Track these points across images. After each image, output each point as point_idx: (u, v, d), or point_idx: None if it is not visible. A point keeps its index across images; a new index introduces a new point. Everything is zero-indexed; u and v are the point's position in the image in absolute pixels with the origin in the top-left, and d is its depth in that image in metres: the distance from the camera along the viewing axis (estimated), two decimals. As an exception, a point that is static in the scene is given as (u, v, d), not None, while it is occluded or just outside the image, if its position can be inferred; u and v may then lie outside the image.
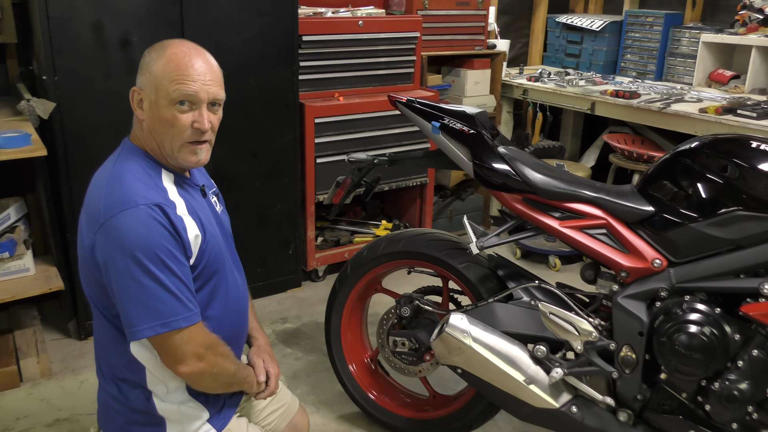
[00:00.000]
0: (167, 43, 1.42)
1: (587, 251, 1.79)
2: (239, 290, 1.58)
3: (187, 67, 1.37)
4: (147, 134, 1.42)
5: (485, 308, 1.91)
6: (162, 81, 1.36)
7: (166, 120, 1.38)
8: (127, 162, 1.40)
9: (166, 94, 1.36)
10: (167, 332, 1.32)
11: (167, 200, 1.36)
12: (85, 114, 2.54)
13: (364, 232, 3.57)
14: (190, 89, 1.36)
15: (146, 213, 1.30)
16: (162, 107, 1.37)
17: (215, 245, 1.46)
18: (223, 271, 1.50)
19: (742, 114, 2.95)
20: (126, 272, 1.29)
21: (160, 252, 1.30)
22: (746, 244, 1.61)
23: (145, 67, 1.39)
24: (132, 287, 1.30)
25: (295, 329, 2.97)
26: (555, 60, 4.59)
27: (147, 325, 1.31)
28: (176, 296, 1.32)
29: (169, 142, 1.40)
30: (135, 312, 1.31)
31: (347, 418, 2.36)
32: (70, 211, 2.59)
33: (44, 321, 2.87)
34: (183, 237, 1.35)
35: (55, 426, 2.28)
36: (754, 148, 1.64)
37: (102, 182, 1.38)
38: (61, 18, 2.40)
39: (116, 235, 1.29)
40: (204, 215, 1.46)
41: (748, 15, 3.59)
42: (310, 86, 3.16)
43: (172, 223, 1.33)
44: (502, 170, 1.85)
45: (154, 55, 1.39)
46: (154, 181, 1.38)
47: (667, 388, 1.71)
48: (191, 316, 1.35)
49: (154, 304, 1.30)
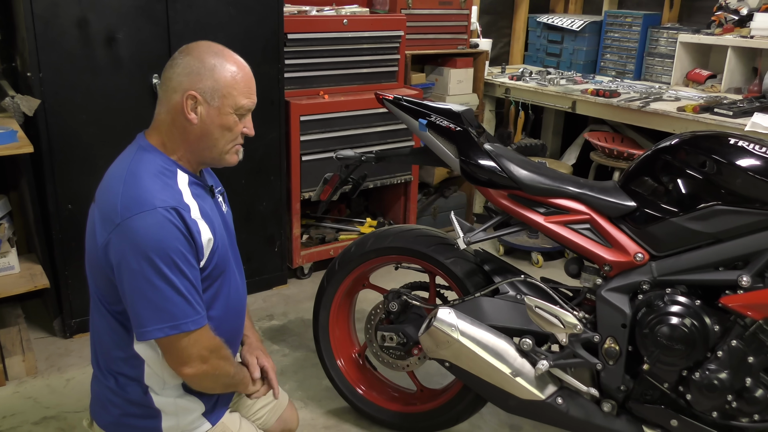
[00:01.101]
0: (219, 48, 1.43)
1: (571, 245, 1.83)
2: (239, 290, 1.60)
3: (251, 81, 1.44)
4: (194, 138, 1.42)
5: (472, 302, 1.94)
6: (232, 91, 1.40)
7: (226, 126, 1.42)
8: (144, 161, 1.40)
9: (234, 103, 1.41)
10: (176, 334, 1.34)
11: (183, 203, 1.38)
12: (70, 111, 2.53)
13: (349, 229, 3.59)
14: (251, 102, 1.45)
15: (163, 216, 1.32)
16: (225, 114, 1.41)
17: (222, 246, 1.49)
18: (227, 271, 1.52)
19: (719, 112, 3.02)
20: (140, 273, 1.31)
21: (175, 255, 1.32)
22: (725, 237, 1.66)
23: (207, 75, 1.38)
24: (145, 288, 1.32)
25: (281, 326, 2.98)
26: (536, 59, 4.65)
27: (158, 326, 1.33)
28: (187, 299, 1.34)
29: (222, 146, 1.44)
30: (146, 313, 1.33)
31: (335, 413, 2.38)
32: (54, 208, 2.58)
33: (29, 319, 2.85)
34: (197, 240, 1.37)
35: (42, 424, 2.27)
36: (732, 144, 1.69)
37: (118, 180, 1.38)
38: (45, 14, 2.39)
39: (132, 237, 1.31)
40: (214, 217, 1.49)
41: (723, 16, 3.67)
42: (296, 84, 3.17)
43: (188, 226, 1.35)
44: (488, 167, 1.88)
45: (215, 62, 1.39)
46: (170, 182, 1.39)
47: (649, 378, 1.76)
48: (199, 319, 1.37)
49: (166, 306, 1.32)
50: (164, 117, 1.43)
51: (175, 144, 1.43)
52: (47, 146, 2.51)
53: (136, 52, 2.60)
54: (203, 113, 1.40)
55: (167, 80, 1.41)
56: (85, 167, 2.60)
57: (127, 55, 2.58)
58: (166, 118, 1.43)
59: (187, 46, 1.44)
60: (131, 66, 2.60)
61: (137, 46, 2.59)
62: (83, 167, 2.60)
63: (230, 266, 1.55)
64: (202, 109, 1.40)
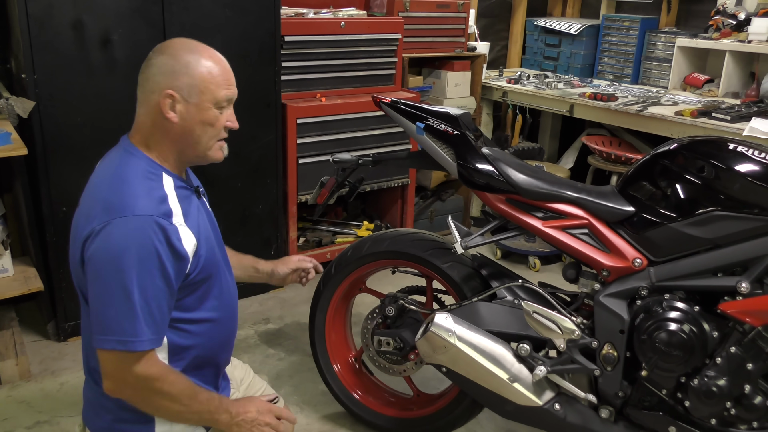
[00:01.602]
0: (193, 44, 1.41)
1: (569, 251, 1.82)
2: (231, 290, 1.59)
3: (227, 71, 1.42)
4: (175, 137, 1.40)
5: (469, 307, 1.93)
6: (209, 85, 1.38)
7: (208, 121, 1.40)
8: (130, 165, 1.38)
9: (212, 97, 1.39)
10: (121, 351, 1.30)
11: (167, 209, 1.35)
12: (65, 113, 2.51)
13: (345, 232, 3.58)
14: (232, 92, 1.43)
15: (141, 224, 1.29)
16: (205, 110, 1.39)
17: (209, 248, 1.46)
18: (217, 274, 1.50)
19: (716, 117, 3.02)
20: (104, 279, 1.28)
21: (145, 263, 1.29)
22: (723, 243, 1.65)
23: (182, 72, 1.37)
24: (105, 295, 1.29)
25: (277, 330, 2.96)
26: (533, 63, 4.65)
27: (106, 336, 1.29)
28: (143, 317, 1.30)
29: (205, 142, 1.42)
30: (102, 320, 1.30)
31: (331, 418, 2.36)
32: (49, 210, 2.56)
33: (22, 322, 2.82)
34: (178, 248, 1.34)
35: (36, 428, 2.25)
36: (731, 149, 1.68)
37: (104, 182, 1.37)
38: (40, 16, 2.38)
39: (105, 241, 1.28)
40: (200, 219, 1.46)
41: (721, 20, 3.67)
42: (292, 87, 3.16)
43: (167, 235, 1.32)
44: (485, 171, 1.87)
45: (191, 58, 1.38)
46: (155, 186, 1.37)
47: (647, 384, 1.74)
48: (148, 342, 1.31)
49: (119, 318, 1.28)
50: (144, 119, 1.41)
51: (158, 145, 1.42)
52: (42, 148, 2.49)
53: (132, 54, 2.58)
54: (183, 111, 1.38)
55: (144, 81, 1.40)
56: (79, 169, 2.56)
57: (122, 57, 2.57)
58: (146, 120, 1.41)
59: (161, 44, 1.42)
60: (127, 68, 2.58)
61: (133, 48, 2.58)
62: (78, 169, 2.57)
63: (220, 268, 1.52)
64: (181, 107, 1.38)
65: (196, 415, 1.42)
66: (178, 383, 1.38)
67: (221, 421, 1.44)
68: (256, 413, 1.47)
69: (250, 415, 1.46)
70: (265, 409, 1.49)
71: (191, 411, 1.40)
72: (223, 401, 1.46)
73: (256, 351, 2.77)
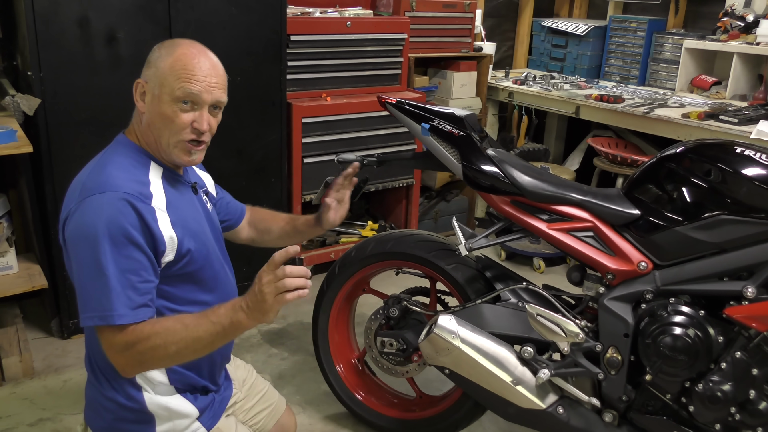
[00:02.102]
0: (178, 41, 1.43)
1: (574, 253, 1.81)
2: (228, 287, 1.58)
3: (194, 67, 1.38)
4: (145, 128, 1.43)
5: (473, 309, 1.92)
6: (168, 77, 1.37)
7: (166, 116, 1.38)
8: (115, 154, 1.41)
9: (170, 90, 1.37)
10: (104, 326, 1.28)
11: (145, 192, 1.35)
12: (70, 110, 2.51)
13: (350, 232, 3.57)
14: (194, 89, 1.37)
15: (115, 198, 1.29)
16: (164, 103, 1.37)
17: (200, 243, 1.44)
18: (209, 267, 1.48)
19: (724, 119, 3.00)
20: (81, 255, 1.28)
21: (119, 234, 1.27)
22: (730, 247, 1.64)
23: (153, 61, 1.40)
24: (82, 273, 1.28)
25: (280, 329, 2.96)
26: (540, 63, 4.63)
27: (88, 314, 1.29)
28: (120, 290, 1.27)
29: (166, 138, 1.40)
30: (82, 298, 1.30)
31: (333, 418, 2.36)
32: (53, 207, 2.56)
33: (26, 319, 2.83)
34: (152, 227, 1.31)
35: (38, 425, 2.25)
36: (738, 153, 1.67)
37: (87, 168, 1.41)
38: (46, 13, 2.38)
39: (80, 218, 1.29)
40: (190, 213, 1.46)
41: (729, 22, 3.65)
42: (298, 86, 3.16)
43: (140, 212, 1.30)
44: (490, 172, 1.87)
45: (163, 51, 1.40)
46: (138, 173, 1.38)
47: (651, 389, 1.73)
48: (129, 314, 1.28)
49: (95, 294, 1.27)
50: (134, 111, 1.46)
51: (142, 137, 1.44)
52: (47, 146, 2.50)
53: (137, 52, 2.58)
54: (149, 101, 1.40)
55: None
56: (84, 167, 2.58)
57: (127, 55, 2.57)
58: (135, 112, 1.46)
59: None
60: (132, 65, 2.58)
61: (138, 45, 2.57)
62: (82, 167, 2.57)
63: (213, 262, 1.50)
64: (148, 97, 1.40)
65: (209, 337, 1.29)
66: (163, 332, 1.28)
67: (242, 320, 1.28)
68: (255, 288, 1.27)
69: (253, 294, 1.27)
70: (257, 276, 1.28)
71: (200, 338, 1.29)
72: (229, 303, 1.31)
73: (259, 350, 2.76)
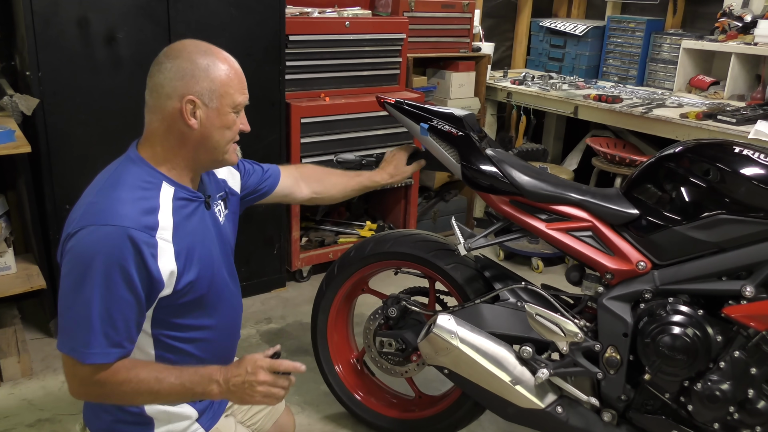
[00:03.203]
0: (205, 46, 1.37)
1: (573, 253, 1.82)
2: (229, 310, 1.55)
3: (242, 74, 1.41)
4: (194, 143, 1.37)
5: (472, 309, 1.92)
6: (228, 89, 1.36)
7: (225, 125, 1.38)
8: (125, 173, 1.34)
9: (231, 101, 1.37)
10: (72, 357, 1.27)
11: (151, 222, 1.30)
12: (69, 110, 2.51)
13: (348, 232, 3.57)
14: (247, 97, 1.42)
15: (115, 233, 1.25)
16: (224, 114, 1.37)
17: (204, 267, 1.41)
18: (213, 292, 1.45)
19: (722, 120, 3.01)
20: (68, 282, 1.26)
21: (113, 274, 1.24)
22: (728, 247, 1.64)
23: (201, 74, 1.33)
24: (66, 299, 1.27)
25: (279, 329, 2.96)
26: (538, 63, 4.64)
27: (62, 340, 1.28)
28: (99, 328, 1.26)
29: (223, 146, 1.40)
30: (60, 323, 1.29)
31: (332, 419, 2.36)
32: (52, 208, 2.56)
33: (25, 320, 2.83)
34: (150, 266, 1.28)
35: (37, 426, 2.25)
36: (737, 153, 1.67)
37: (95, 186, 1.35)
38: (45, 13, 2.38)
39: (76, 245, 1.26)
40: (198, 234, 1.41)
41: (727, 22, 3.66)
42: (296, 86, 3.16)
43: (140, 250, 1.26)
44: (489, 172, 1.87)
45: (208, 63, 1.34)
46: (148, 196, 1.32)
47: (650, 388, 1.74)
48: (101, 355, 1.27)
49: (72, 326, 1.27)
50: (158, 126, 1.36)
51: (170, 153, 1.37)
52: (45, 146, 2.49)
53: (137, 52, 2.58)
54: (202, 116, 1.35)
55: (158, 87, 1.33)
56: (83, 167, 2.58)
57: (127, 55, 2.57)
58: (160, 127, 1.36)
59: (171, 47, 1.37)
60: (131, 66, 2.58)
61: (138, 45, 2.58)
62: (81, 167, 2.58)
63: (217, 286, 1.47)
64: (201, 113, 1.34)
65: (174, 397, 1.33)
66: (130, 381, 1.29)
67: (213, 393, 1.32)
68: (245, 374, 1.31)
69: (239, 378, 1.31)
70: (256, 367, 1.32)
71: (161, 397, 1.32)
72: (208, 371, 1.33)
73: (258, 350, 2.71)
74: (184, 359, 1.43)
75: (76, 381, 1.30)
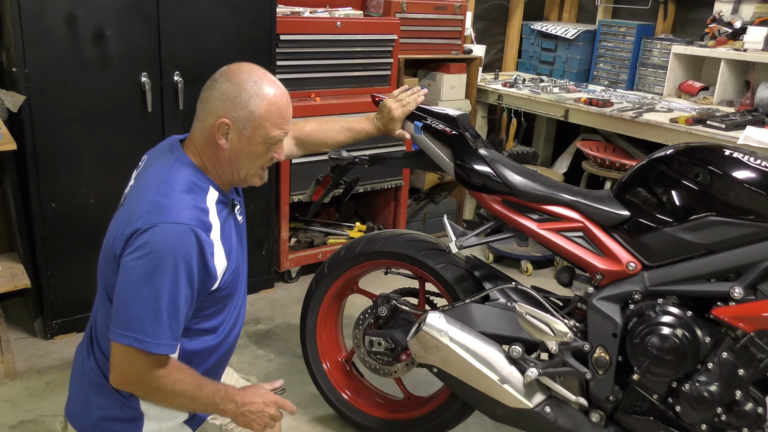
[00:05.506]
0: (260, 75, 1.43)
1: (563, 253, 1.81)
2: (240, 309, 1.62)
3: (286, 114, 1.45)
4: (223, 161, 1.45)
5: (462, 308, 1.92)
6: (264, 123, 1.41)
7: (255, 154, 1.44)
8: (179, 174, 1.41)
9: (265, 134, 1.42)
10: (136, 348, 1.30)
11: (207, 222, 1.38)
12: (56, 108, 2.48)
13: (338, 233, 3.56)
14: (285, 131, 1.47)
15: (183, 232, 1.32)
16: (256, 144, 1.43)
17: (236, 267, 1.50)
18: (236, 292, 1.54)
19: (711, 125, 3.02)
20: (136, 277, 1.29)
21: (179, 271, 1.31)
22: (717, 248, 1.65)
23: (242, 105, 1.39)
24: (133, 292, 1.30)
25: (267, 330, 2.94)
26: (529, 66, 4.65)
27: (125, 332, 1.30)
28: (167, 321, 1.31)
29: (246, 170, 1.47)
30: (123, 314, 1.31)
31: (320, 420, 2.34)
32: (38, 206, 2.53)
33: (9, 319, 2.79)
34: (209, 263, 1.37)
35: (20, 427, 2.22)
36: (727, 156, 1.68)
37: (152, 185, 1.38)
38: (33, 9, 2.35)
39: (149, 242, 1.30)
40: (232, 235, 1.50)
41: (717, 28, 3.68)
42: (287, 86, 3.04)
43: (203, 249, 1.34)
44: (482, 172, 1.87)
45: (252, 94, 1.40)
46: (199, 199, 1.40)
47: (638, 389, 1.74)
48: (166, 347, 1.33)
49: (141, 317, 1.30)
50: (199, 135, 1.45)
51: (209, 161, 1.45)
52: (31, 143, 2.46)
53: (125, 50, 2.56)
54: (234, 140, 1.42)
55: (205, 101, 1.43)
56: (69, 165, 2.56)
57: (116, 53, 2.54)
58: (200, 137, 1.45)
59: (228, 68, 1.44)
60: (120, 64, 2.56)
61: (126, 43, 2.55)
62: (68, 165, 2.55)
63: (240, 285, 1.56)
64: (234, 136, 1.41)
65: (201, 406, 1.45)
66: (181, 381, 1.38)
67: (227, 411, 1.46)
68: (262, 404, 1.49)
69: (256, 406, 1.48)
70: (270, 401, 1.51)
71: (196, 403, 1.42)
72: (229, 391, 1.46)
73: (246, 352, 2.74)
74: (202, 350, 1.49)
75: (134, 370, 1.33)
